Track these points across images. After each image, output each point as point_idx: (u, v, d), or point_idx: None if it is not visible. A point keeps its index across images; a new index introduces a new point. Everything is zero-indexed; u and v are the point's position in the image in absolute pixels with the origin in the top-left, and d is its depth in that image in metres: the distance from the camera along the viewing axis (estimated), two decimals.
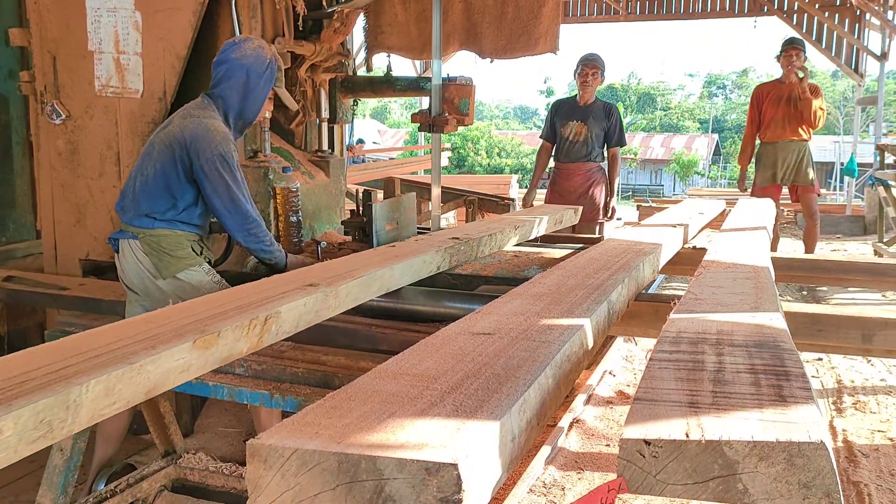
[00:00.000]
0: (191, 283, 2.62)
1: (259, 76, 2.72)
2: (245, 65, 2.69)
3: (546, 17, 4.54)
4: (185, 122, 2.63)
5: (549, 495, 2.60)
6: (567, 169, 5.25)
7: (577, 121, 5.17)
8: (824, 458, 0.87)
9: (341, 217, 4.10)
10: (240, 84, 2.71)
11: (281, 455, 0.90)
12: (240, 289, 1.82)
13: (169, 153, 2.59)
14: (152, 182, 2.61)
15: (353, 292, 1.91)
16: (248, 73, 2.70)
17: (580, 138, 5.16)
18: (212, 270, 2.71)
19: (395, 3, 4.78)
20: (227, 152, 2.60)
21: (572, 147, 5.20)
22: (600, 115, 5.19)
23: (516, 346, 1.36)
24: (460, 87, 3.83)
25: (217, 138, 2.59)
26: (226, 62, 2.71)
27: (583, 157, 5.21)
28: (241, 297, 1.68)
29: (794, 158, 5.92)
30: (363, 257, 2.35)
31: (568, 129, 5.20)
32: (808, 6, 10.37)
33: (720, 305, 1.73)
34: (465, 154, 27.39)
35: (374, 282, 2.03)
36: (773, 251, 3.93)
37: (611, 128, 5.20)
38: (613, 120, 5.20)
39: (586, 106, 5.20)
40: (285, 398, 2.11)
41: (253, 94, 2.74)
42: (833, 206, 12.88)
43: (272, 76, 2.78)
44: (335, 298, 1.82)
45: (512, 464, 1.05)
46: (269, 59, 2.75)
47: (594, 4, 12.09)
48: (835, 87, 40.01)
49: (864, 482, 2.76)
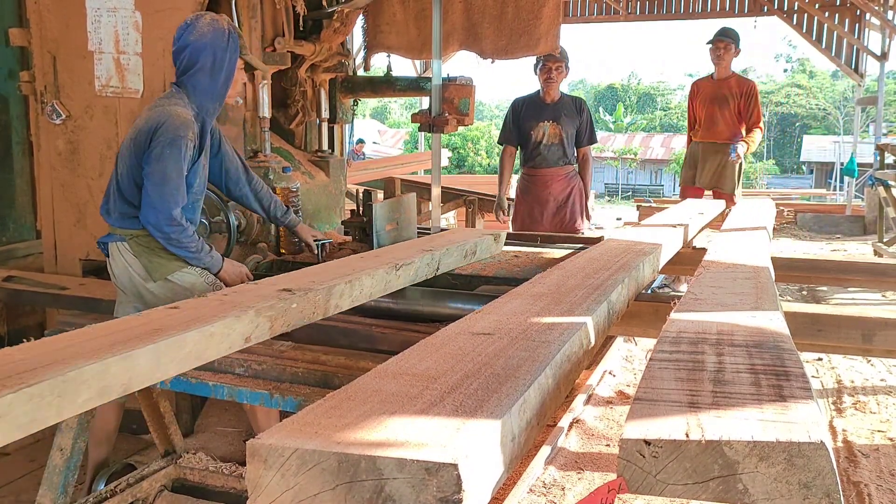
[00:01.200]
0: (183, 286, 2.56)
1: (224, 51, 2.61)
2: (206, 44, 2.57)
3: (546, 17, 4.53)
4: (150, 112, 2.56)
5: (549, 495, 2.60)
6: (543, 175, 4.78)
7: (548, 121, 4.74)
8: (824, 458, 0.87)
9: (341, 217, 4.10)
10: (207, 65, 2.60)
11: (281, 455, 0.90)
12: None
13: (135, 147, 2.52)
14: (126, 180, 2.55)
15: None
16: (213, 51, 2.59)
17: (555, 140, 4.74)
18: (205, 272, 2.64)
19: (394, 3, 4.77)
20: (179, 137, 2.48)
21: (547, 150, 4.75)
22: (571, 111, 4.78)
23: (516, 346, 1.36)
24: (460, 87, 3.83)
25: (176, 122, 2.49)
26: (186, 47, 2.59)
27: (559, 160, 4.78)
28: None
29: (717, 162, 5.46)
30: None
31: (539, 130, 4.76)
32: (808, 6, 10.36)
33: (720, 305, 1.73)
34: (465, 154, 27.39)
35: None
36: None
37: (582, 125, 4.79)
38: (584, 116, 4.79)
39: (554, 104, 4.77)
40: (285, 398, 2.10)
41: (223, 71, 2.63)
42: (833, 206, 12.89)
43: (236, 46, 2.66)
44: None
45: (512, 464, 1.05)
46: (227, 29, 2.63)
47: (594, 4, 12.09)
48: (835, 87, 39.99)
49: (864, 482, 2.76)
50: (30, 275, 3.45)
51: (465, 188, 7.26)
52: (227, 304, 1.66)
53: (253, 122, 3.56)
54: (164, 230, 2.49)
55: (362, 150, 15.48)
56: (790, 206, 11.71)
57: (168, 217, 2.49)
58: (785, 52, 45.24)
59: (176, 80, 2.66)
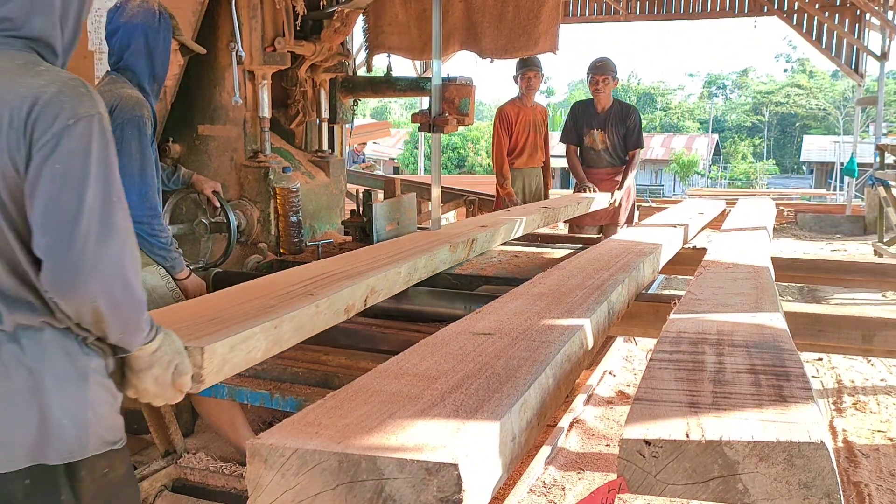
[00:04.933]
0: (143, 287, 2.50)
1: (156, 31, 2.55)
2: (137, 24, 2.51)
3: (546, 16, 4.54)
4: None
5: (549, 495, 2.60)
6: (593, 174, 5.28)
7: (597, 129, 5.22)
8: (824, 458, 0.87)
9: (341, 217, 4.10)
10: (140, 46, 2.53)
11: (281, 455, 0.90)
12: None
13: None
14: None
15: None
16: (145, 31, 2.52)
17: (603, 146, 5.23)
18: (167, 276, 2.54)
19: (396, 4, 4.77)
20: (140, 117, 2.42)
21: (596, 155, 5.27)
22: (617, 120, 5.20)
23: (517, 346, 1.36)
24: (460, 87, 3.82)
25: (130, 103, 2.43)
26: (117, 30, 2.53)
27: (607, 164, 5.27)
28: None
29: (536, 184, 5.60)
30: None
31: (590, 136, 5.25)
32: (808, 6, 10.36)
33: (720, 305, 1.73)
34: (465, 154, 27.39)
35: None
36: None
37: (629, 131, 5.21)
38: (631, 123, 5.20)
39: (605, 112, 5.21)
40: (285, 398, 2.10)
41: (157, 52, 2.57)
42: (833, 206, 12.89)
43: (168, 26, 2.61)
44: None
45: (512, 464, 1.05)
46: (158, 9, 2.58)
47: (594, 4, 12.08)
48: (835, 87, 40.00)
49: (865, 482, 2.76)
50: None
51: (465, 188, 7.25)
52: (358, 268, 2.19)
53: (253, 122, 3.56)
54: (146, 220, 2.43)
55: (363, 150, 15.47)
56: (790, 206, 11.71)
57: (152, 207, 2.44)
58: (785, 52, 45.32)
59: (112, 66, 2.60)
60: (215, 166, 3.61)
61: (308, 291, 1.84)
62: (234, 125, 3.55)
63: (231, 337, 1.43)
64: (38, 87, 1.22)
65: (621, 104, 5.34)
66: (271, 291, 1.83)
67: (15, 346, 1.25)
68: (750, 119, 43.30)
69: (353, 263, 2.22)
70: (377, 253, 2.44)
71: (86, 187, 1.20)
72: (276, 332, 1.58)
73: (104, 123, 1.27)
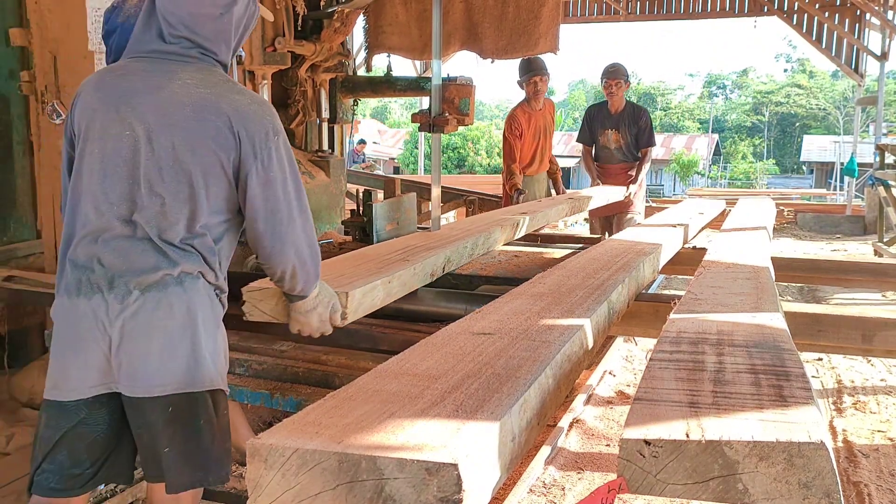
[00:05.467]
0: None
1: None
2: (133, 25, 2.52)
3: (546, 17, 4.54)
4: None
5: (549, 495, 2.60)
6: (607, 169, 5.71)
7: (611, 129, 5.60)
8: (824, 458, 0.87)
9: (341, 217, 4.10)
10: None
11: (281, 455, 0.90)
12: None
13: None
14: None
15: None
16: None
17: (616, 145, 5.63)
18: None
19: (396, 4, 4.77)
20: None
21: (610, 153, 5.66)
22: (630, 121, 5.58)
23: (517, 345, 1.36)
24: (460, 87, 3.82)
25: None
26: (114, 30, 2.39)
27: (620, 160, 5.65)
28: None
29: (545, 189, 5.77)
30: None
31: (604, 136, 5.63)
32: (808, 6, 10.36)
33: (720, 305, 1.74)
34: (465, 154, 27.38)
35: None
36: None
37: (640, 131, 5.60)
38: (643, 123, 5.59)
39: (618, 114, 5.58)
40: (285, 398, 2.11)
41: None
42: (833, 206, 12.90)
43: None
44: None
45: (512, 464, 1.05)
46: None
47: (594, 4, 12.08)
48: (835, 87, 39.99)
49: (864, 482, 2.76)
50: (30, 275, 3.45)
51: (465, 188, 7.25)
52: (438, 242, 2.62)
53: None
54: None
55: (363, 150, 15.47)
56: (790, 206, 11.72)
57: None
58: (785, 52, 45.30)
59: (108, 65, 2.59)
60: None
61: (404, 258, 2.30)
62: None
63: (362, 287, 1.90)
64: (244, 104, 1.62)
65: (633, 106, 5.70)
66: (374, 259, 2.29)
67: (179, 288, 1.57)
68: (750, 119, 43.29)
69: (428, 240, 2.67)
70: (446, 233, 2.92)
71: (288, 184, 1.64)
72: (389, 286, 2.04)
73: (284, 134, 1.68)
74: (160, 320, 1.55)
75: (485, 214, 3.86)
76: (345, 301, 1.82)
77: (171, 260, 1.56)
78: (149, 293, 1.54)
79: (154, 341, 1.54)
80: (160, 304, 1.55)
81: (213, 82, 1.62)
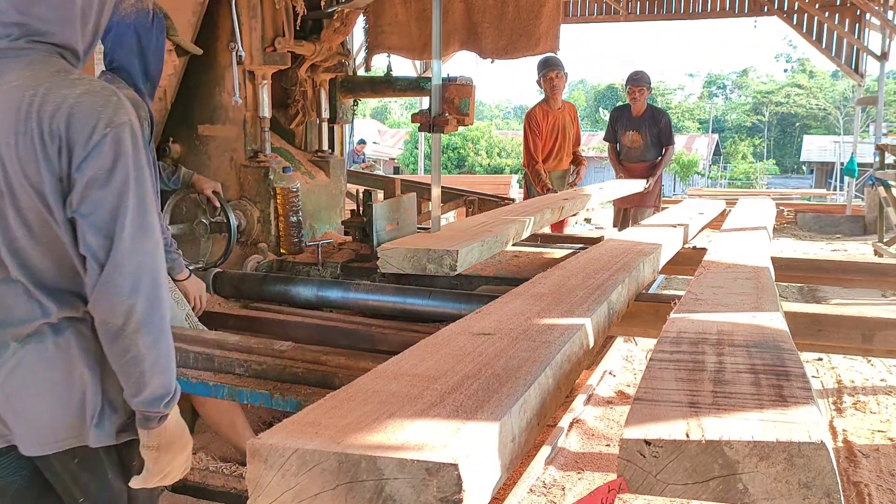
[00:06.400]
0: None
1: (149, 31, 2.48)
2: (130, 24, 2.45)
3: (546, 17, 4.54)
4: None
5: (549, 495, 2.60)
6: (629, 167, 6.25)
7: (632, 131, 6.15)
8: (824, 458, 0.87)
9: (341, 217, 4.10)
10: (133, 46, 2.46)
11: (281, 455, 0.90)
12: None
13: None
14: None
15: None
16: (137, 31, 2.46)
17: (638, 144, 6.17)
18: (167, 276, 2.53)
19: (396, 4, 4.77)
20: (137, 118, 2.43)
21: (632, 152, 6.21)
22: (650, 123, 6.12)
23: (516, 346, 1.36)
24: (460, 87, 3.82)
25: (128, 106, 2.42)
26: (110, 29, 2.45)
27: (640, 159, 6.18)
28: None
29: (563, 186, 5.83)
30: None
31: (626, 137, 6.19)
32: (808, 6, 10.36)
33: (720, 305, 1.73)
34: (465, 154, 27.37)
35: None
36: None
37: (661, 132, 6.16)
38: (662, 125, 6.15)
39: (639, 116, 6.13)
40: (285, 398, 2.10)
41: (150, 52, 2.51)
42: (833, 206, 12.89)
43: (162, 26, 2.54)
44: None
45: (512, 464, 1.05)
46: (152, 9, 2.51)
47: (594, 4, 12.08)
48: (835, 87, 39.99)
49: (865, 482, 2.76)
50: None
51: (465, 188, 7.25)
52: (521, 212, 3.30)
53: (253, 122, 3.56)
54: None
55: (363, 150, 15.47)
56: (790, 206, 11.71)
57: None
58: (785, 52, 45.30)
59: (106, 66, 2.54)
60: (215, 166, 3.61)
61: (486, 230, 2.72)
62: (234, 125, 3.55)
63: (466, 247, 2.34)
64: (75, 96, 1.28)
65: (654, 109, 6.28)
66: (463, 230, 2.75)
67: (59, 337, 1.34)
68: (750, 119, 43.30)
69: (497, 217, 3.17)
70: (505, 213, 3.39)
71: (126, 190, 1.28)
72: (483, 247, 2.50)
73: (135, 129, 1.33)
74: (43, 373, 1.34)
75: (530, 201, 4.38)
76: (455, 257, 2.25)
77: (44, 306, 1.33)
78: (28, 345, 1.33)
79: (41, 397, 1.34)
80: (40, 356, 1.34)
81: (42, 78, 1.28)
